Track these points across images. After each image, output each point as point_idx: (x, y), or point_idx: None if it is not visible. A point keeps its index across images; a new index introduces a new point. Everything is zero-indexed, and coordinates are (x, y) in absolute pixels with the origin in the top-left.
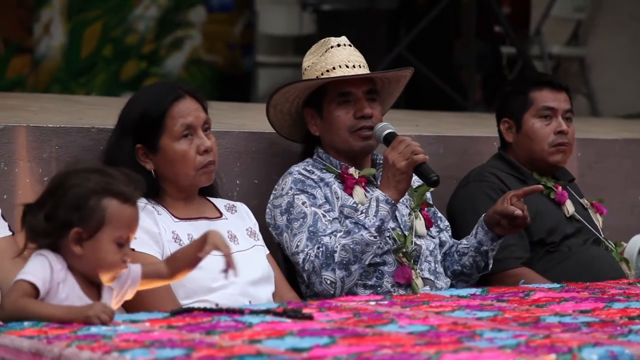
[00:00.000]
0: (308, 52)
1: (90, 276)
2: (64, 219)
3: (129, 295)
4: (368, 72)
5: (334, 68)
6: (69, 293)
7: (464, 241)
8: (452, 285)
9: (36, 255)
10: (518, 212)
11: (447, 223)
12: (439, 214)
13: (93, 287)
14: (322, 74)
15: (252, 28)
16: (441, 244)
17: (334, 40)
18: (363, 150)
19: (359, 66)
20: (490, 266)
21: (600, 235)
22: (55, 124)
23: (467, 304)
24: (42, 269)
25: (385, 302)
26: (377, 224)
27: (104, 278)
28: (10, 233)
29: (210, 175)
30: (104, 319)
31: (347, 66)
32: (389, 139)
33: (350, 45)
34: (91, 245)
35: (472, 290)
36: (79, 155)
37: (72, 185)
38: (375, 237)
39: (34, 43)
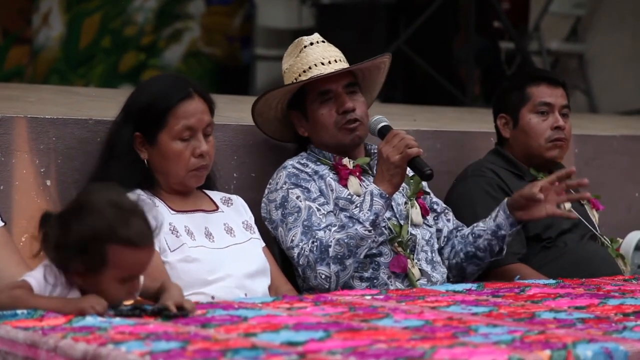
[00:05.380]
0: (285, 54)
1: None
2: (65, 257)
3: None
4: (344, 65)
5: (310, 68)
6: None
7: (480, 224)
8: (449, 274)
9: (43, 266)
10: (540, 195)
11: (444, 206)
12: (435, 199)
13: None
14: (299, 75)
15: (251, 21)
16: (439, 230)
17: (306, 40)
18: (353, 142)
19: (335, 61)
20: (504, 252)
21: (597, 231)
22: (53, 115)
23: (462, 299)
24: (44, 280)
25: (381, 297)
26: (371, 218)
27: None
28: (3, 223)
29: (200, 178)
30: (98, 310)
31: (323, 63)
32: (384, 132)
33: (323, 42)
34: (92, 280)
35: (468, 286)
36: (76, 147)
37: (82, 225)
38: (369, 231)
39: (33, 33)
